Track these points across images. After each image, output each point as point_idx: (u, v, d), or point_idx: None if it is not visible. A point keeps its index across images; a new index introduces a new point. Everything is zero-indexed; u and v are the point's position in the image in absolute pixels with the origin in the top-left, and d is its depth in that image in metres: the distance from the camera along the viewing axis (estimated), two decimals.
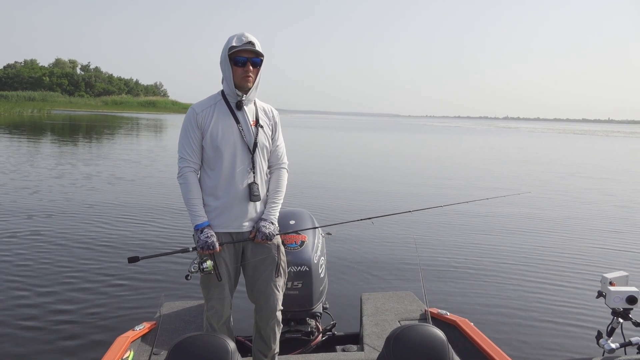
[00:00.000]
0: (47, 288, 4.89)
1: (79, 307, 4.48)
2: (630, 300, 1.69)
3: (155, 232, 7.14)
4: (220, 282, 2.49)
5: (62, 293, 4.78)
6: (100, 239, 6.65)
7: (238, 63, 2.41)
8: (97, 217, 7.91)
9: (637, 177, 17.60)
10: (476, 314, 4.51)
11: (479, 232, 7.91)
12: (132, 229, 7.30)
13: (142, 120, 50.22)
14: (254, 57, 2.42)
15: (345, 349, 3.09)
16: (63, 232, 6.91)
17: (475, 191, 12.13)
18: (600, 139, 54.26)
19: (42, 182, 10.93)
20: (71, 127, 34.47)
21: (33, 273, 5.27)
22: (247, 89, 2.47)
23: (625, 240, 7.74)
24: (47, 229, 7.02)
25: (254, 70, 2.44)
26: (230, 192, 2.47)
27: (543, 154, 27.38)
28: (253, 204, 2.52)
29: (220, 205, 2.48)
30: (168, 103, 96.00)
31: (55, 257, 5.83)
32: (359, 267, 5.88)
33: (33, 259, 5.72)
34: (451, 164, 19.76)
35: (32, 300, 4.60)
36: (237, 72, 2.43)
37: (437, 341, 1.57)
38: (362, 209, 9.45)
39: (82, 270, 5.43)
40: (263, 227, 2.49)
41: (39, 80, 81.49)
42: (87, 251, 6.10)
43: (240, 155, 2.47)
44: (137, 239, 6.74)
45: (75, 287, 4.96)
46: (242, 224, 2.51)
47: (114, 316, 4.33)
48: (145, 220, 7.82)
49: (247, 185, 2.48)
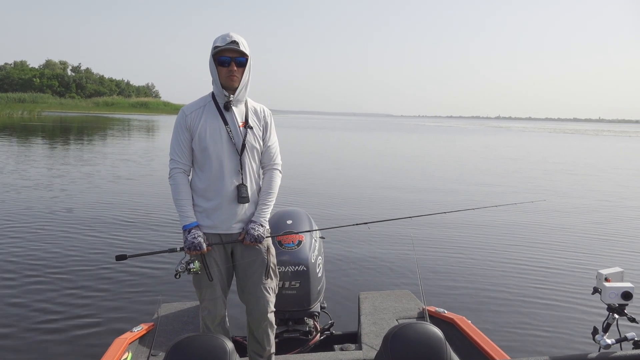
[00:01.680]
0: (43, 290, 4.86)
1: (76, 310, 4.46)
2: (625, 296, 1.71)
3: (152, 233, 7.14)
4: (212, 283, 2.50)
5: (59, 295, 4.75)
6: (97, 241, 6.61)
7: (223, 63, 2.41)
8: (93, 218, 7.88)
9: (624, 174, 17.76)
10: (474, 312, 4.54)
11: (476, 230, 7.95)
12: (130, 230, 7.28)
13: (134, 122, 49.90)
14: (238, 57, 2.41)
15: (343, 348, 3.10)
16: (59, 234, 6.87)
17: (473, 192, 12.20)
18: (590, 138, 54.68)
19: (34, 183, 10.83)
20: (62, 129, 34.20)
21: (28, 274, 5.24)
22: (234, 88, 2.46)
23: (619, 237, 7.81)
24: (42, 231, 6.97)
25: (238, 70, 2.43)
26: (219, 194, 2.47)
27: (533, 152, 27.57)
28: (242, 205, 2.51)
29: (209, 207, 2.49)
30: (160, 104, 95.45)
31: (50, 258, 5.79)
32: (356, 266, 5.89)
33: (27, 260, 5.68)
34: (446, 163, 19.85)
35: (28, 302, 4.57)
36: (222, 72, 2.43)
37: (434, 339, 1.59)
38: (360, 208, 9.45)
39: (78, 272, 5.40)
40: (252, 229, 2.49)
41: (29, 82, 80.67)
42: (84, 253, 6.07)
43: (228, 156, 2.47)
44: (135, 240, 6.73)
45: (72, 288, 4.93)
46: (231, 226, 2.51)
47: (112, 318, 4.31)
48: (141, 221, 7.81)
49: (235, 186, 2.48)
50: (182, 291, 4.78)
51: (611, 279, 1.78)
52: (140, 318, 3.91)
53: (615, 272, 1.80)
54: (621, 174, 17.89)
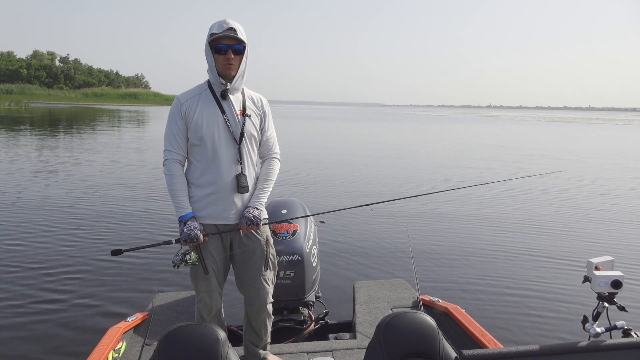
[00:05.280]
0: (38, 279, 4.86)
1: (71, 298, 4.47)
2: (615, 284, 1.70)
3: (147, 223, 7.14)
4: (207, 275, 2.47)
5: (54, 285, 4.76)
6: (92, 231, 6.60)
7: (220, 51, 2.33)
8: (87, 209, 7.86)
9: (595, 161, 17.91)
10: (467, 301, 4.59)
11: (470, 220, 7.99)
12: (125, 221, 7.28)
13: (124, 113, 49.42)
14: (236, 44, 2.34)
15: (338, 337, 3.11)
16: (53, 224, 6.85)
17: (461, 173, 12.26)
18: (578, 126, 54.99)
19: (23, 176, 10.73)
20: (51, 121, 33.79)
21: (23, 263, 5.23)
22: (231, 77, 2.40)
23: (610, 226, 7.89)
24: (35, 221, 6.94)
25: (236, 58, 2.36)
26: (216, 184, 2.42)
27: (520, 140, 27.71)
28: (240, 195, 2.46)
29: (206, 196, 2.44)
30: (150, 95, 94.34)
31: (46, 248, 5.79)
32: (351, 255, 5.92)
33: (22, 250, 5.67)
34: (437, 151, 19.90)
35: (23, 291, 4.56)
36: (218, 60, 2.35)
37: (427, 327, 1.60)
38: (355, 196, 9.48)
39: (73, 261, 5.40)
40: (248, 212, 2.45)
41: (16, 73, 79.35)
42: (78, 243, 6.07)
43: (226, 145, 2.41)
44: (130, 230, 6.75)
45: (67, 278, 4.93)
46: (228, 216, 2.47)
47: (106, 307, 4.32)
48: (136, 211, 7.82)
49: (234, 176, 2.43)
50: (177, 281, 4.79)
51: (601, 268, 1.78)
52: (134, 307, 3.91)
53: (606, 261, 1.81)
54: (598, 160, 18.04)
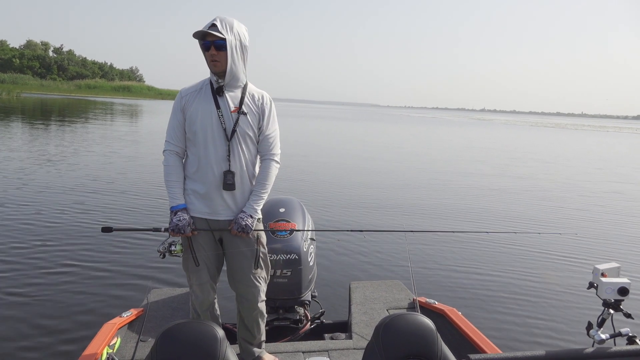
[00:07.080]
0: (32, 273, 4.80)
1: (65, 293, 4.42)
2: (621, 291, 1.70)
3: (144, 214, 7.16)
4: (198, 268, 2.49)
5: (48, 279, 4.69)
6: (89, 225, 6.53)
7: (205, 48, 2.37)
8: (84, 201, 7.82)
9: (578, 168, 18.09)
10: (464, 304, 4.57)
11: (467, 223, 8.00)
12: (122, 214, 7.24)
13: (117, 106, 49.11)
14: (216, 40, 2.32)
15: (333, 337, 3.10)
16: (50, 216, 6.80)
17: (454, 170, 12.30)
18: (570, 132, 55.43)
19: (15, 164, 10.61)
20: (43, 111, 33.48)
21: (17, 258, 5.17)
22: (221, 73, 2.40)
23: (617, 232, 7.90)
24: (27, 218, 6.82)
25: (219, 54, 2.34)
26: (205, 178, 2.45)
27: (510, 145, 27.90)
28: (228, 192, 2.46)
29: (197, 190, 2.47)
30: (143, 88, 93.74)
31: (40, 241, 5.73)
32: (348, 255, 5.90)
33: (17, 245, 5.59)
34: (431, 154, 19.95)
35: (17, 285, 4.51)
36: (206, 57, 2.39)
37: (426, 330, 1.59)
38: (352, 197, 9.44)
39: (67, 256, 5.34)
40: (240, 219, 2.45)
41: (8, 62, 78.38)
42: (73, 237, 6.01)
43: (216, 141, 2.42)
44: (125, 222, 6.72)
45: (61, 273, 4.87)
46: (216, 212, 2.48)
47: (101, 303, 4.28)
48: (135, 205, 7.81)
49: (221, 172, 2.43)
50: (172, 277, 4.75)
51: (607, 274, 1.77)
52: (129, 303, 3.86)
53: (612, 268, 1.80)
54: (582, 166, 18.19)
